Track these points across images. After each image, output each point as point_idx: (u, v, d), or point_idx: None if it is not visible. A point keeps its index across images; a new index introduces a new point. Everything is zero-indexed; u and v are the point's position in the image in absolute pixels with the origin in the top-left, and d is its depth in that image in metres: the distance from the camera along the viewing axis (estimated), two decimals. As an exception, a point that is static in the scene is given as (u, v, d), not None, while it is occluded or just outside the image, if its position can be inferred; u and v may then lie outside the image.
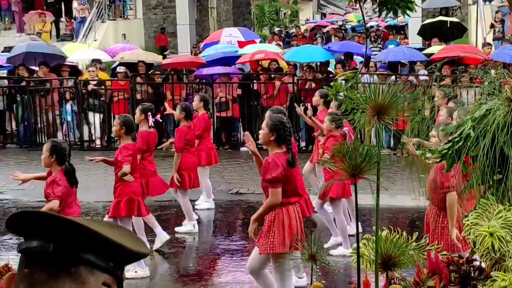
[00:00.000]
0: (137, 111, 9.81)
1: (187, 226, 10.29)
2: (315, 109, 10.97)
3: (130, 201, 8.36)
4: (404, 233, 4.47)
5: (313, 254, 4.62)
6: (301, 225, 6.64)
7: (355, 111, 4.04)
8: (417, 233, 4.67)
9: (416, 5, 4.56)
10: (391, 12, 4.57)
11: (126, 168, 8.28)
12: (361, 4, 4.49)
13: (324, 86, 11.49)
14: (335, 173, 7.97)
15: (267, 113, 7.82)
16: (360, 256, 4.12)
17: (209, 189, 11.47)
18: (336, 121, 9.00)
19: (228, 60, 17.91)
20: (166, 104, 11.14)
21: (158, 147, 10.52)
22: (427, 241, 4.69)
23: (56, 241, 1.59)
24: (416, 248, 4.45)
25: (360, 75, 6.63)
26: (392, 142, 14.76)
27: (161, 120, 10.07)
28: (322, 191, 9.21)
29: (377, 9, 4.66)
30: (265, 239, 6.54)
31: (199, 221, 10.65)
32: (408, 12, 4.59)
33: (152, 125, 9.60)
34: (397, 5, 4.47)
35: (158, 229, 9.36)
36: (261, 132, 6.67)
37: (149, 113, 9.61)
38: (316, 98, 10.75)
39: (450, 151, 4.27)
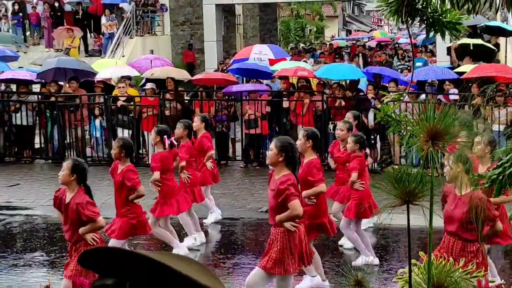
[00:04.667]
0: (152, 132, 9.99)
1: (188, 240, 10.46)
2: None
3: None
4: (451, 259, 4.35)
5: (359, 279, 4.51)
6: (308, 245, 7.10)
7: (403, 134, 3.95)
8: (464, 258, 4.55)
9: (464, 26, 4.46)
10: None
11: (141, 190, 8.47)
12: (408, 25, 4.42)
13: (372, 109, 11.70)
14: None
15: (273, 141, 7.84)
16: (407, 282, 4.01)
17: (207, 203, 11.53)
18: (360, 142, 9.23)
19: (260, 73, 17.91)
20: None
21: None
22: (474, 267, 4.57)
23: (132, 279, 1.53)
24: (463, 274, 4.33)
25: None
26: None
27: (176, 143, 10.13)
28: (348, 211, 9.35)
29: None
30: (275, 259, 6.80)
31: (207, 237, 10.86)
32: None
33: (167, 148, 9.71)
34: (445, 27, 4.39)
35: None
36: (269, 153, 6.93)
37: (165, 136, 9.72)
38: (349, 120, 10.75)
39: (500, 177, 4.16)
